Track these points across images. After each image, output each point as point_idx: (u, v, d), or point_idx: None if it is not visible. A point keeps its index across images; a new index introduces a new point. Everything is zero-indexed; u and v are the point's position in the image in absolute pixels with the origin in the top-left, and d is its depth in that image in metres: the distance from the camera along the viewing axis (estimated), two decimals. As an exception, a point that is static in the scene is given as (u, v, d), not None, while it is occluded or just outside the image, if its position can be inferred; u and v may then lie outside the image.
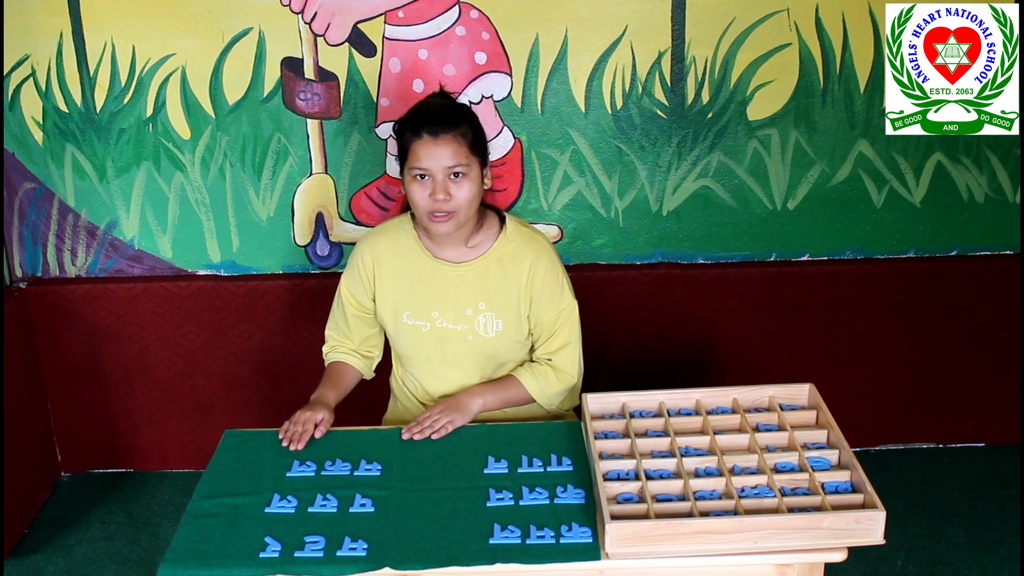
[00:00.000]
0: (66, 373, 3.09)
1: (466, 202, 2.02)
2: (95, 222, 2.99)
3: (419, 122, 2.02)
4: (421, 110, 2.07)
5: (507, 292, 2.12)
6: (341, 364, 2.27)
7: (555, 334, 2.16)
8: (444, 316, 2.13)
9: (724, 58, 2.83)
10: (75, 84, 2.84)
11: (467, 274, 2.12)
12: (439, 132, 1.99)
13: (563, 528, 1.74)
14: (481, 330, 2.13)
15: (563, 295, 2.15)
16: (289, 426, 2.07)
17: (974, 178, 2.96)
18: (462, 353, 2.15)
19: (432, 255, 2.13)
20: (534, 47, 2.81)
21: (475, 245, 2.12)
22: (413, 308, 2.14)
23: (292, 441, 2.03)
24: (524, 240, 2.14)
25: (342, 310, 2.24)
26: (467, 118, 2.05)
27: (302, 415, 2.08)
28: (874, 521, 1.66)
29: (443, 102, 2.10)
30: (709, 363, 3.10)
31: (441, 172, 1.99)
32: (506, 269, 2.12)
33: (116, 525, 2.99)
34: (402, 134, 2.05)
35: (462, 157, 2.00)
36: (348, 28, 2.79)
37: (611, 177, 2.95)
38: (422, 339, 2.15)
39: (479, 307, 2.12)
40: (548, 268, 2.13)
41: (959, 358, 3.13)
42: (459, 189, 2.00)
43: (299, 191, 2.95)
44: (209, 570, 1.70)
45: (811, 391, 2.03)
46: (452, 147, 1.99)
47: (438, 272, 2.13)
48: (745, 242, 3.02)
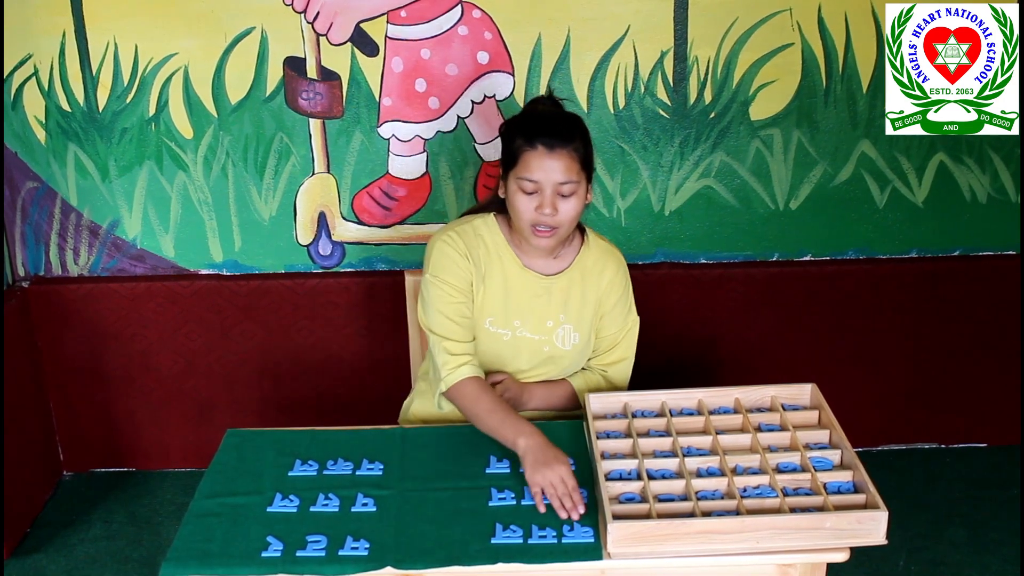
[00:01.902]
0: (68, 372, 3.09)
1: (570, 219, 1.97)
2: (97, 221, 2.99)
3: (535, 131, 1.94)
4: (536, 116, 1.99)
5: (585, 306, 2.11)
6: (484, 382, 2.03)
7: (615, 348, 2.16)
8: (525, 326, 2.09)
9: (726, 58, 2.83)
10: (78, 83, 2.84)
11: (553, 287, 2.09)
12: (555, 145, 1.92)
13: (565, 528, 1.74)
14: (559, 342, 2.11)
15: (630, 311, 2.16)
16: (555, 498, 1.78)
17: (976, 178, 2.96)
18: (534, 362, 2.13)
19: (521, 263, 2.08)
20: (536, 47, 2.81)
21: (560, 256, 2.10)
22: (497, 315, 2.09)
23: (575, 508, 1.77)
24: (603, 253, 2.12)
25: (453, 307, 2.03)
26: (581, 133, 1.97)
27: (554, 475, 1.79)
28: (876, 521, 1.66)
29: (557, 111, 2.04)
30: (711, 363, 3.10)
31: (551, 187, 1.93)
32: (586, 282, 2.10)
33: (118, 524, 2.99)
34: (512, 139, 1.97)
35: (573, 174, 1.93)
36: (350, 28, 2.79)
37: (613, 177, 2.95)
38: (500, 346, 2.11)
39: (559, 319, 2.10)
40: (623, 284, 2.13)
41: (961, 358, 3.12)
42: (566, 205, 1.95)
43: (301, 191, 2.95)
44: (211, 569, 1.70)
45: (813, 391, 2.03)
46: (566, 162, 1.92)
47: (526, 282, 2.08)
48: (747, 242, 3.02)
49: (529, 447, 1.85)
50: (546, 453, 1.83)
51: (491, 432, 1.96)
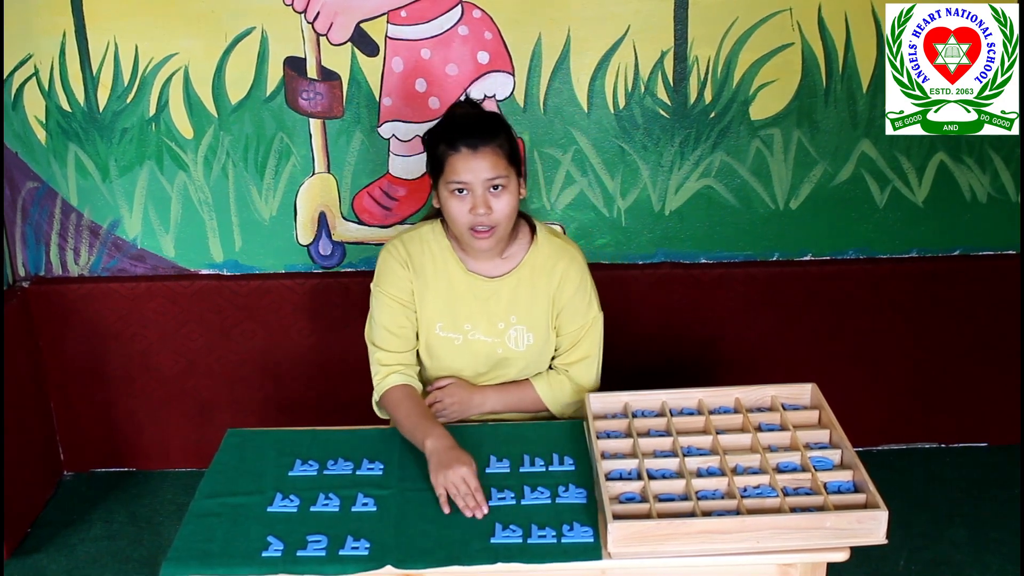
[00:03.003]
0: (69, 372, 3.09)
1: (506, 215, 1.98)
2: (98, 221, 2.99)
3: (455, 134, 1.95)
4: (455, 121, 2.00)
5: (538, 305, 2.10)
6: (410, 388, 2.09)
7: (576, 345, 2.14)
8: (476, 329, 2.10)
9: (727, 58, 2.83)
10: (78, 83, 2.84)
11: (501, 288, 2.09)
12: (478, 145, 1.93)
13: (565, 528, 1.74)
14: (512, 344, 2.11)
15: (589, 307, 2.13)
16: (459, 498, 1.80)
17: (977, 178, 2.96)
18: (491, 364, 2.13)
19: (466, 268, 2.08)
20: (536, 47, 2.81)
21: (508, 256, 2.09)
22: (446, 320, 2.10)
23: (479, 507, 1.79)
24: (555, 249, 2.11)
25: (390, 317, 2.09)
26: (503, 128, 1.99)
27: (455, 476, 1.81)
28: (876, 521, 1.66)
29: (475, 111, 2.05)
30: (711, 363, 3.10)
31: (481, 186, 1.94)
32: (537, 280, 2.09)
33: (118, 524, 2.99)
34: (435, 147, 1.98)
35: (501, 169, 1.95)
36: (351, 27, 2.79)
37: (613, 177, 2.95)
38: (453, 351, 2.12)
39: (511, 320, 2.10)
40: (578, 279, 2.11)
41: (962, 358, 3.12)
42: (499, 202, 1.96)
43: (301, 191, 2.95)
44: (211, 569, 1.70)
45: (813, 391, 2.03)
46: (491, 159, 1.93)
47: (473, 286, 2.09)
48: (747, 242, 3.02)
49: (435, 449, 1.88)
50: (449, 455, 1.85)
51: (408, 436, 1.99)
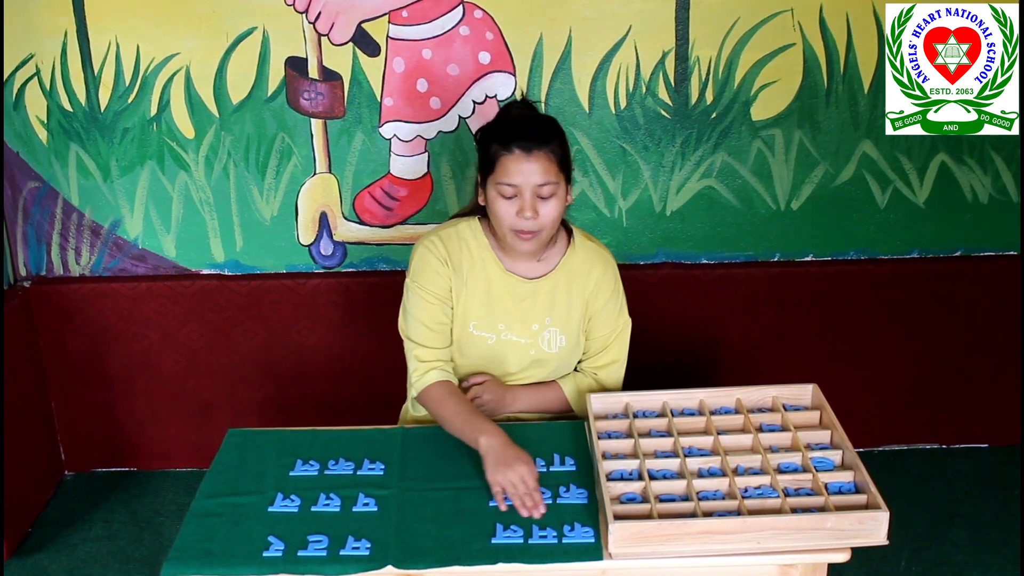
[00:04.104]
0: (70, 372, 3.09)
1: (552, 221, 1.97)
2: (99, 221, 2.99)
3: (510, 135, 1.92)
4: (511, 120, 1.97)
5: (572, 308, 2.10)
6: (452, 385, 2.05)
7: (606, 350, 2.14)
8: (510, 329, 2.09)
9: (728, 58, 2.83)
10: (79, 83, 2.84)
11: (538, 290, 2.08)
12: (532, 148, 1.90)
13: (565, 528, 1.74)
14: (544, 345, 2.11)
15: (620, 313, 2.14)
16: (516, 497, 1.79)
17: (978, 179, 2.96)
18: (522, 365, 2.13)
19: (504, 268, 2.07)
20: (538, 47, 2.81)
21: (545, 258, 2.08)
22: (480, 319, 2.09)
23: (536, 507, 1.78)
24: (590, 254, 2.11)
25: (428, 313, 2.05)
26: (557, 134, 1.97)
27: (514, 475, 1.79)
28: (877, 522, 1.66)
29: (531, 113, 2.02)
30: (712, 363, 3.10)
31: (530, 190, 1.92)
32: (572, 284, 2.09)
33: (119, 524, 2.99)
34: (488, 145, 1.96)
35: (552, 175, 1.93)
36: (352, 28, 2.79)
37: (615, 177, 2.95)
38: (485, 350, 2.11)
39: (545, 322, 2.09)
40: (612, 284, 2.11)
41: (963, 359, 3.12)
42: (546, 207, 1.95)
43: (303, 190, 2.96)
44: (212, 569, 1.70)
45: (814, 391, 2.03)
46: (543, 164, 1.91)
47: (510, 286, 2.08)
48: (749, 242, 3.02)
49: (491, 446, 1.86)
50: (507, 452, 1.84)
51: (457, 433, 1.96)
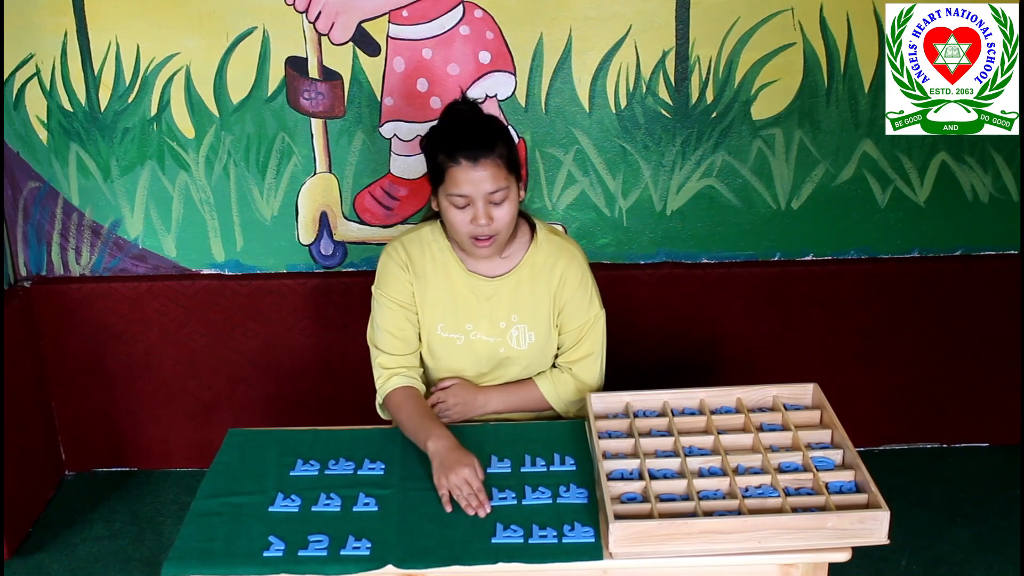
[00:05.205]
0: (70, 372, 3.09)
1: (507, 224, 1.98)
2: (99, 221, 2.99)
3: (455, 144, 1.93)
4: (453, 128, 1.98)
5: (539, 303, 2.10)
6: (413, 389, 2.09)
7: (579, 343, 2.14)
8: (478, 328, 2.10)
9: (728, 57, 2.83)
10: (79, 83, 2.84)
11: (502, 288, 2.09)
12: (479, 156, 1.91)
13: (566, 528, 1.74)
14: (513, 343, 2.11)
15: (591, 304, 2.13)
16: (462, 498, 1.81)
17: (979, 178, 2.96)
18: (493, 364, 2.14)
19: (466, 268, 2.09)
20: (538, 46, 2.81)
21: (508, 255, 2.09)
22: (447, 321, 2.11)
23: (481, 507, 1.80)
24: (554, 248, 2.11)
25: (391, 320, 2.11)
26: (501, 135, 1.97)
27: (457, 477, 1.82)
28: (878, 521, 1.66)
29: (474, 115, 2.03)
30: (713, 363, 3.10)
31: (482, 198, 1.94)
32: (536, 280, 2.10)
33: (120, 524, 2.99)
34: (435, 154, 1.97)
35: (501, 180, 1.94)
36: (352, 27, 2.79)
37: (615, 176, 2.94)
38: (455, 351, 2.13)
39: (512, 320, 2.10)
40: (578, 277, 2.11)
41: (963, 358, 3.12)
42: (500, 211, 1.96)
43: (303, 190, 2.96)
44: (213, 569, 1.70)
45: (815, 391, 2.03)
46: (492, 171, 1.92)
47: (473, 286, 2.09)
48: (749, 242, 3.02)
49: (437, 450, 1.89)
50: (451, 456, 1.87)
51: (411, 437, 2.00)
